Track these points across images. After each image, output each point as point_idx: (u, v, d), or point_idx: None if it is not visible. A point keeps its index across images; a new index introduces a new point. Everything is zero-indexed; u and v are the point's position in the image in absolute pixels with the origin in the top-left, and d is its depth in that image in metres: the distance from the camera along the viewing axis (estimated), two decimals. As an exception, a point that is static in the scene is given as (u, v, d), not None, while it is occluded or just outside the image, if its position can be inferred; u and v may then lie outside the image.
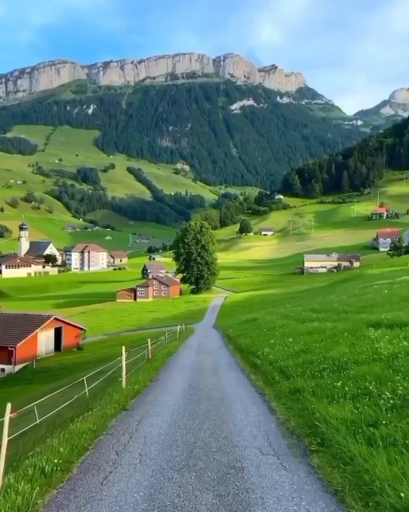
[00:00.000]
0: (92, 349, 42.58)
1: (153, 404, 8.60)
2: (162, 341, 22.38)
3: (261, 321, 27.73)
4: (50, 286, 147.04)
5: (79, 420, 7.19)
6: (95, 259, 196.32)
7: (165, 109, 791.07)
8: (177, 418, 7.46)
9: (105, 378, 12.15)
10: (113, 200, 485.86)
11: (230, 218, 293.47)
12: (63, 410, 11.60)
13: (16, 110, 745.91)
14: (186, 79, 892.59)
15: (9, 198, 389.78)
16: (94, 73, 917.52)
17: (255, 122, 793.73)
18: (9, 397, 26.03)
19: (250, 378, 11.45)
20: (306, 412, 6.63)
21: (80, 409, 9.26)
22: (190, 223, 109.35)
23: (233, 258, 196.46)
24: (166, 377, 12.03)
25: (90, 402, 9.69)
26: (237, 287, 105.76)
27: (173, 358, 16.71)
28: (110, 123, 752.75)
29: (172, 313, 70.17)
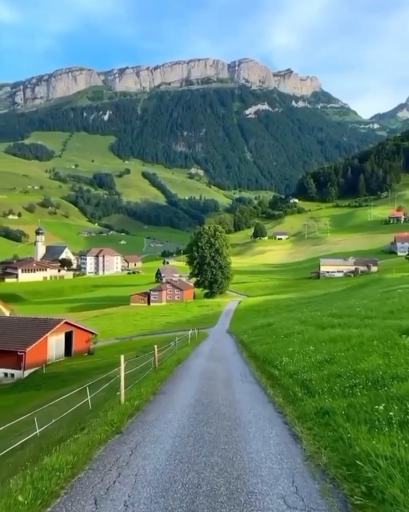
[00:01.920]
0: (104, 354, 41.54)
1: (153, 425, 7.25)
2: (172, 347, 21.07)
3: (277, 326, 26.32)
4: (65, 290, 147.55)
5: (60, 448, 5.90)
6: (110, 263, 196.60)
7: (179, 114, 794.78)
8: (179, 445, 6.11)
9: (110, 386, 11.04)
10: (128, 204, 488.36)
11: (245, 222, 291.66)
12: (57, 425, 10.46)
13: (34, 117, 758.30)
14: (200, 85, 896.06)
15: (27, 203, 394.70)
16: (110, 80, 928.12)
17: (270, 126, 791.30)
18: (17, 404, 25.10)
19: (267, 392, 10.05)
20: (341, 443, 5.24)
21: (74, 426, 8.09)
22: (204, 227, 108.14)
23: (247, 262, 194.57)
24: (172, 389, 10.65)
25: (85, 418, 8.51)
26: (251, 291, 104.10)
27: (182, 366, 15.36)
28: (125, 129, 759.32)
29: (185, 317, 68.96)
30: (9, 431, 13.69)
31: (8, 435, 13.31)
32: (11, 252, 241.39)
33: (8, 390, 31.53)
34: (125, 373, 12.59)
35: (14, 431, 13.35)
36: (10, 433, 13.42)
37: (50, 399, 13.55)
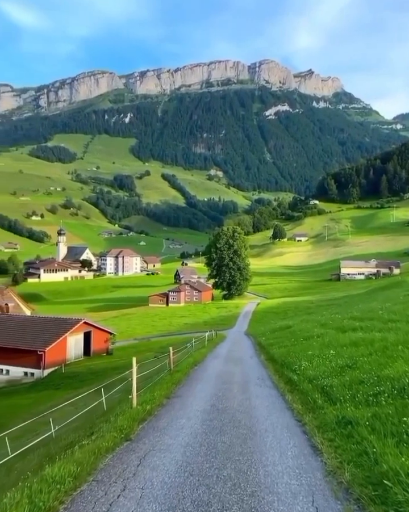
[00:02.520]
0: (122, 354, 41.57)
1: (164, 432, 6.88)
2: (189, 348, 20.74)
3: (296, 329, 25.74)
4: (85, 290, 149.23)
5: (65, 456, 5.60)
6: (129, 264, 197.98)
7: (199, 116, 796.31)
8: (190, 455, 5.71)
9: (125, 387, 10.80)
10: (148, 206, 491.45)
11: (264, 224, 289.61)
12: (71, 426, 10.30)
13: (57, 120, 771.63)
14: (220, 86, 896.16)
15: (49, 205, 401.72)
16: (131, 82, 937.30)
17: (290, 127, 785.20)
18: (36, 403, 25.22)
19: (285, 398, 9.60)
20: (365, 458, 4.79)
21: (84, 430, 7.85)
22: (222, 228, 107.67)
23: (266, 264, 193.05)
24: (186, 392, 10.29)
25: (96, 422, 8.26)
26: (270, 293, 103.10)
27: (198, 368, 15.00)
28: (146, 131, 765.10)
29: (203, 318, 68.68)
30: (27, 431, 13.66)
31: (25, 434, 13.26)
32: (34, 252, 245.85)
33: (28, 389, 31.79)
34: (140, 375, 12.37)
35: (31, 430, 13.30)
36: (27, 433, 13.37)
37: (68, 400, 13.49)
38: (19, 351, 36.09)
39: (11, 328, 39.47)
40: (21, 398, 28.86)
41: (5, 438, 10.28)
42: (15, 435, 13.34)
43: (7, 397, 29.96)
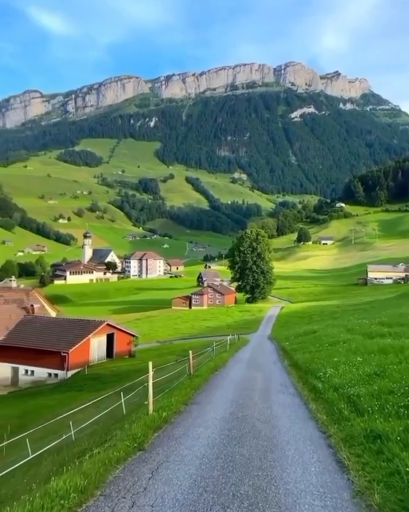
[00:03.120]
0: (144, 356, 41.52)
1: (179, 441, 6.52)
2: (210, 352, 20.37)
3: (321, 334, 25.07)
4: (109, 292, 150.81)
5: (72, 468, 5.32)
6: (152, 267, 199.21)
7: (224, 119, 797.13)
8: (206, 469, 5.34)
9: (145, 390, 10.54)
10: (172, 209, 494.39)
11: (288, 227, 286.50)
12: (88, 432, 10.14)
13: (84, 125, 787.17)
14: (245, 89, 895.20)
15: (76, 208, 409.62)
16: (157, 87, 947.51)
17: (316, 129, 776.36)
18: (59, 404, 25.37)
19: (309, 407, 9.13)
20: (397, 478, 4.34)
21: (99, 436, 7.62)
22: (246, 231, 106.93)
23: (290, 267, 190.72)
24: (205, 399, 9.92)
25: (112, 428, 8.03)
26: (294, 297, 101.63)
27: (219, 374, 14.61)
28: (170, 135, 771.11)
29: (226, 322, 68.17)
30: (50, 432, 13.64)
31: (48, 436, 13.24)
32: (61, 255, 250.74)
33: (52, 390, 32.02)
34: (160, 379, 12.12)
35: (54, 432, 13.26)
36: (50, 434, 13.34)
37: (90, 401, 13.43)
38: (44, 352, 36.50)
39: (36, 329, 40.00)
40: (45, 399, 29.09)
41: (26, 439, 10.30)
42: (38, 436, 13.43)
43: (32, 398, 30.30)
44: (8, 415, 24.92)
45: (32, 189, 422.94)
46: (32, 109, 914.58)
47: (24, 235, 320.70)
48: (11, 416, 24.31)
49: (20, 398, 31.63)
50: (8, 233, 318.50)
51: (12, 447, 13.62)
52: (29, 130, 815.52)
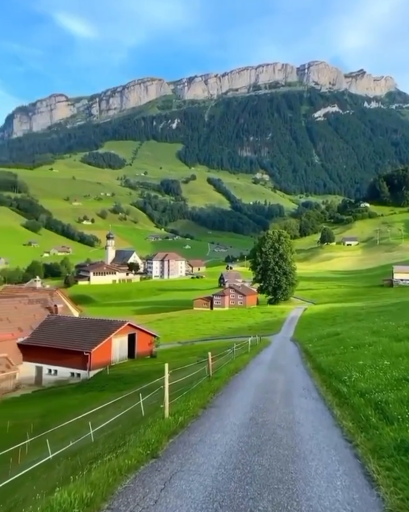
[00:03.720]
0: (165, 357, 41.42)
1: (195, 448, 6.15)
2: (231, 354, 19.98)
3: (345, 336, 24.37)
4: (132, 293, 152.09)
5: (82, 475, 5.03)
6: (174, 268, 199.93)
7: (246, 120, 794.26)
8: (222, 480, 4.96)
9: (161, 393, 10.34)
10: (193, 210, 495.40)
11: (311, 227, 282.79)
12: (106, 434, 9.98)
13: (108, 127, 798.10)
14: (268, 89, 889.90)
15: (100, 209, 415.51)
16: (179, 88, 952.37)
17: (339, 129, 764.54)
18: (81, 404, 25.47)
19: (333, 413, 8.66)
20: (434, 498, 3.93)
21: (113, 441, 7.36)
22: (268, 232, 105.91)
23: (314, 269, 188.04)
24: (224, 402, 9.55)
25: (127, 432, 7.77)
26: (317, 298, 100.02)
27: (240, 376, 14.21)
28: (192, 136, 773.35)
29: (247, 323, 67.57)
30: (70, 433, 13.61)
31: (68, 437, 13.19)
32: (85, 256, 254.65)
33: (74, 390, 32.20)
34: (179, 380, 11.84)
35: (74, 432, 13.21)
36: (70, 435, 13.30)
37: (112, 402, 13.34)
38: (67, 352, 36.83)
39: (59, 329, 40.45)
40: (68, 398, 29.25)
41: (46, 440, 10.26)
42: (60, 437, 13.43)
43: (55, 397, 30.55)
44: (31, 414, 25.18)
45: (58, 191, 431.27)
46: (58, 112, 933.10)
47: (49, 237, 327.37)
48: (34, 416, 24.56)
49: (43, 397, 31.96)
50: (34, 234, 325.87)
51: (34, 447, 13.71)
52: (55, 134, 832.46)
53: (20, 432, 16.86)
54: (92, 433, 10.20)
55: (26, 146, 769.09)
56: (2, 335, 38.04)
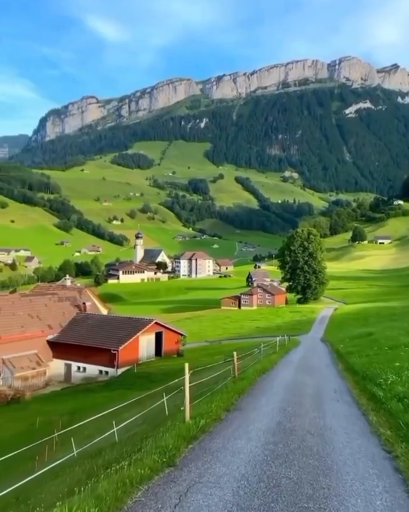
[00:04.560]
0: (192, 356, 41.15)
1: (216, 456, 5.58)
2: (258, 354, 19.36)
3: (379, 337, 23.35)
4: (160, 291, 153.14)
5: (89, 486, 4.56)
6: (202, 266, 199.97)
7: (275, 117, 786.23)
8: (245, 495, 4.38)
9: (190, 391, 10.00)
10: (221, 209, 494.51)
11: (342, 226, 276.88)
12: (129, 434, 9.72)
13: (137, 128, 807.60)
14: (298, 86, 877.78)
15: (129, 209, 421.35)
16: (208, 88, 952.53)
17: (372, 125, 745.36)
18: (109, 401, 25.48)
19: (368, 419, 7.97)
20: None
21: (131, 445, 6.96)
22: (297, 230, 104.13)
23: (345, 268, 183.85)
24: (249, 405, 8.96)
25: (148, 435, 7.32)
26: (348, 298, 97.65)
27: (267, 377, 13.58)
28: (221, 135, 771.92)
29: (276, 322, 66.59)
30: (97, 431, 13.49)
31: (94, 435, 13.09)
32: (115, 255, 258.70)
33: (102, 388, 32.34)
34: (203, 380, 11.38)
35: (100, 430, 13.09)
36: (96, 433, 13.20)
37: (138, 401, 13.23)
38: (95, 349, 37.09)
39: (87, 327, 40.82)
40: (96, 396, 29.37)
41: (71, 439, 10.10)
42: (87, 434, 13.33)
43: (83, 395, 30.78)
44: (60, 411, 25.39)
45: (88, 191, 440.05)
46: (89, 114, 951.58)
47: (80, 236, 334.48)
48: (63, 413, 24.73)
49: (72, 394, 32.22)
50: (66, 234, 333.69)
51: (61, 444, 13.70)
52: (86, 135, 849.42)
53: (49, 429, 16.93)
54: (117, 432, 9.98)
55: (58, 148, 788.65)
56: (33, 332, 38.72)
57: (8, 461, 12.45)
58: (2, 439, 22.12)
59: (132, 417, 11.20)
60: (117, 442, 9.65)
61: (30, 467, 13.21)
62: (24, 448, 7.65)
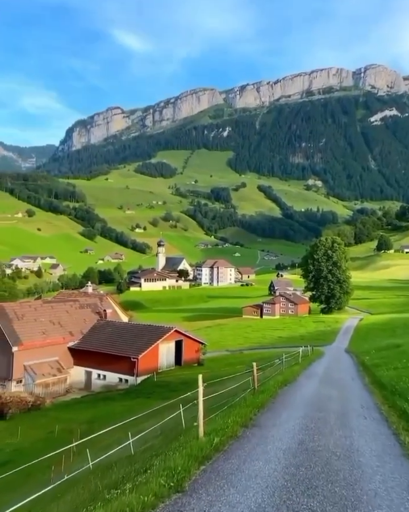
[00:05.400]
0: (213, 365, 40.49)
1: (230, 481, 4.98)
2: (279, 364, 18.63)
3: (407, 349, 22.20)
4: (181, 299, 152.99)
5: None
6: (223, 275, 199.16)
7: (298, 126, 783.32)
8: None
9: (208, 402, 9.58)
10: (243, 217, 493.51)
11: (367, 235, 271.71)
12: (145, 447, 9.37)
13: (160, 138, 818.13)
14: (322, 95, 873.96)
15: (151, 218, 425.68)
16: (231, 97, 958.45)
17: (398, 132, 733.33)
18: (129, 411, 25.18)
19: (401, 439, 7.26)
20: None
21: (143, 461, 6.52)
22: (320, 239, 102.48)
23: (370, 277, 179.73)
24: (269, 421, 8.32)
25: (159, 451, 6.83)
26: (374, 308, 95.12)
27: (288, 390, 12.90)
28: (243, 144, 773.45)
29: (299, 332, 65.24)
30: (114, 441, 13.22)
31: (112, 445, 12.78)
32: (137, 262, 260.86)
33: (122, 396, 32.09)
34: (224, 391, 10.88)
35: (118, 441, 12.79)
36: (114, 444, 12.90)
37: (157, 410, 13.08)
38: (115, 357, 36.85)
39: (108, 334, 40.69)
40: (115, 404, 29.15)
41: (86, 450, 10.02)
42: (105, 444, 13.09)
43: (103, 403, 30.65)
44: (79, 420, 25.26)
45: (112, 200, 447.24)
46: (114, 124, 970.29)
47: (104, 244, 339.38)
48: (82, 421, 24.61)
49: (91, 402, 32.11)
50: (91, 242, 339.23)
51: (79, 454, 13.51)
52: (110, 145, 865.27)
53: (67, 437, 16.78)
54: (133, 444, 9.67)
55: (84, 157, 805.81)
56: (54, 339, 38.83)
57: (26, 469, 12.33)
58: (22, 446, 22.08)
59: (149, 428, 10.85)
60: (132, 455, 9.28)
61: (47, 477, 12.97)
62: (41, 458, 7.37)
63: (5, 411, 29.44)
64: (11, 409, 29.45)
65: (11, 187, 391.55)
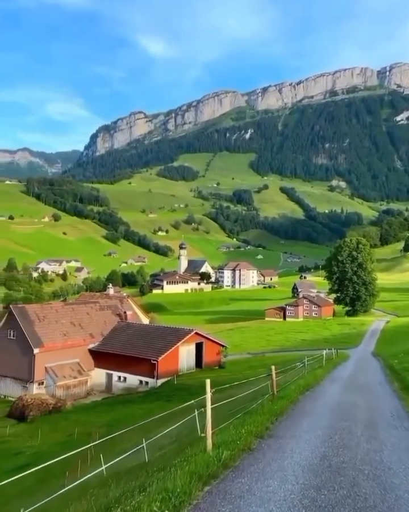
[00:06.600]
0: (234, 368, 39.72)
1: (239, 506, 4.18)
2: (301, 368, 17.72)
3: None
4: (203, 302, 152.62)
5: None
6: (246, 277, 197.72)
7: (321, 126, 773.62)
8: None
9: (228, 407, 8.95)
10: (266, 219, 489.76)
11: (393, 236, 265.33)
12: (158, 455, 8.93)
13: (183, 141, 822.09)
14: (346, 95, 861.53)
15: (173, 221, 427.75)
16: (253, 99, 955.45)
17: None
18: (148, 413, 24.74)
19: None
20: None
21: (141, 480, 5.91)
22: (345, 240, 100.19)
23: (397, 279, 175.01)
24: (287, 431, 7.49)
25: (156, 469, 6.12)
26: (401, 311, 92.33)
27: (310, 396, 12.03)
28: (266, 146, 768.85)
29: (323, 335, 63.73)
30: (132, 445, 12.77)
31: (128, 450, 12.42)
32: (159, 265, 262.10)
33: (142, 399, 31.75)
34: (242, 395, 10.23)
35: (135, 445, 12.50)
36: (131, 448, 12.58)
37: (176, 413, 12.44)
38: (135, 359, 36.50)
39: (128, 336, 40.39)
40: (134, 407, 28.84)
41: (100, 456, 9.54)
42: (122, 448, 12.78)
43: (123, 405, 30.34)
44: (98, 423, 25.09)
45: (135, 203, 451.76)
46: (137, 129, 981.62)
47: (127, 247, 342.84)
48: (101, 424, 24.42)
49: (112, 405, 31.87)
50: (114, 245, 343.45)
51: (96, 458, 13.28)
52: (134, 149, 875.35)
53: (86, 440, 16.52)
54: (148, 450, 9.30)
55: (108, 162, 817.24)
56: (75, 341, 38.78)
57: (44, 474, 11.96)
58: (41, 449, 21.89)
59: (166, 433, 10.25)
60: (146, 462, 8.76)
61: (62, 482, 12.60)
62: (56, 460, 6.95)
63: (26, 414, 29.40)
64: (32, 411, 29.38)
65: (38, 192, 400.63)
